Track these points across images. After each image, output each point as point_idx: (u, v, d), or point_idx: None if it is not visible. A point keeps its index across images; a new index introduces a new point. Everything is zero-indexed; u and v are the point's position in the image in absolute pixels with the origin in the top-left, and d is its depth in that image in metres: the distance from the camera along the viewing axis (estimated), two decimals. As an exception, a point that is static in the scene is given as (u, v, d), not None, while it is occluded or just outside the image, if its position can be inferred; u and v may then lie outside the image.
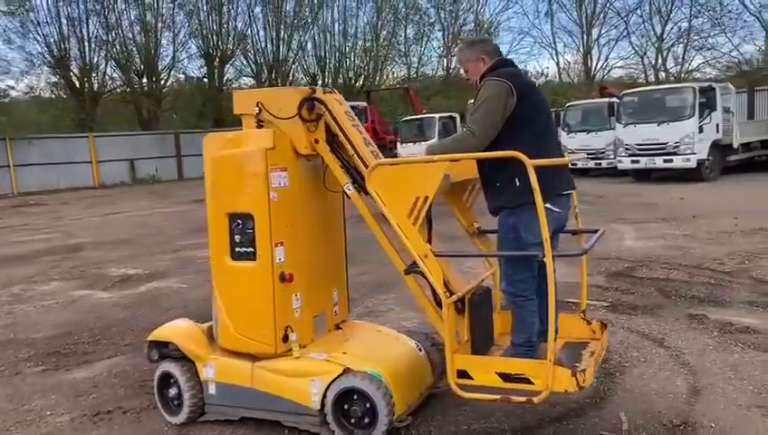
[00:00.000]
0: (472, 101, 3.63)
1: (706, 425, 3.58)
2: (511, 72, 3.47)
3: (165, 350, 4.01)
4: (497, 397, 3.24)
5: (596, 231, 3.64)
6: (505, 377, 3.18)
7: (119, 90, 34.60)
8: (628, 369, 4.42)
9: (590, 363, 3.31)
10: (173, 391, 3.91)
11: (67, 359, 5.36)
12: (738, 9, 30.37)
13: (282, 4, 36.22)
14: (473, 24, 37.45)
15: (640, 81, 33.28)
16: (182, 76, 37.37)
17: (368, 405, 3.44)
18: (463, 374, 3.24)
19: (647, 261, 7.64)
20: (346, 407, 3.50)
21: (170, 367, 3.92)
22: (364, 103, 26.94)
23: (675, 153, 16.75)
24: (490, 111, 3.29)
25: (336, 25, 37.17)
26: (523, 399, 3.17)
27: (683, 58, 33.07)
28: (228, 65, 37.24)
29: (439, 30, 37.69)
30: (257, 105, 3.71)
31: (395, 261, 3.55)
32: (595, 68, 35.12)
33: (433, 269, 3.23)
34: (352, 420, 3.50)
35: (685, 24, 32.37)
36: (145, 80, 34.64)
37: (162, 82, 35.58)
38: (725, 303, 5.86)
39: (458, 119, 25.13)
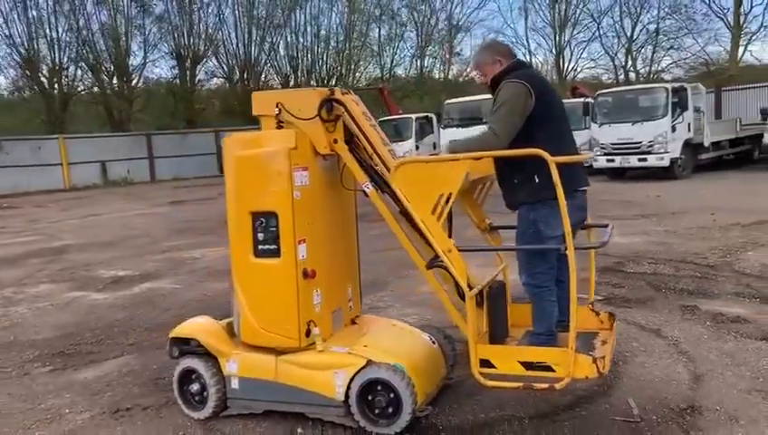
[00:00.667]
0: (483, 97, 3.76)
1: (711, 408, 3.77)
2: (528, 73, 3.63)
3: (186, 347, 4.08)
4: (520, 385, 3.39)
5: (606, 226, 3.82)
6: (528, 365, 3.33)
7: (89, 91, 34.17)
8: (630, 358, 4.60)
9: (606, 351, 3.47)
10: (195, 387, 3.98)
11: (73, 359, 5.38)
12: (704, 11, 31.20)
13: (253, 7, 36.12)
14: (446, 24, 37.73)
15: (609, 81, 33.94)
16: (153, 77, 37.11)
17: (391, 396, 3.56)
18: (485, 364, 3.38)
19: (633, 256, 7.88)
20: (370, 398, 3.62)
21: (194, 363, 3.99)
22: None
23: (649, 152, 17.17)
24: (511, 111, 3.44)
25: (308, 26, 37.20)
26: (545, 386, 3.32)
27: (652, 59, 33.83)
28: (200, 66, 37.03)
29: (412, 30, 37.92)
30: (277, 106, 3.80)
31: (414, 257, 3.68)
32: (567, 68, 35.71)
33: (457, 263, 3.36)
34: (376, 411, 3.61)
35: (654, 26, 33.09)
36: (115, 81, 34.29)
37: (133, 82, 35.25)
38: (714, 294, 6.10)
39: (434, 119, 25.35)
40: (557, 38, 34.95)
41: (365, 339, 3.97)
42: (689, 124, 17.39)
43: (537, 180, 3.40)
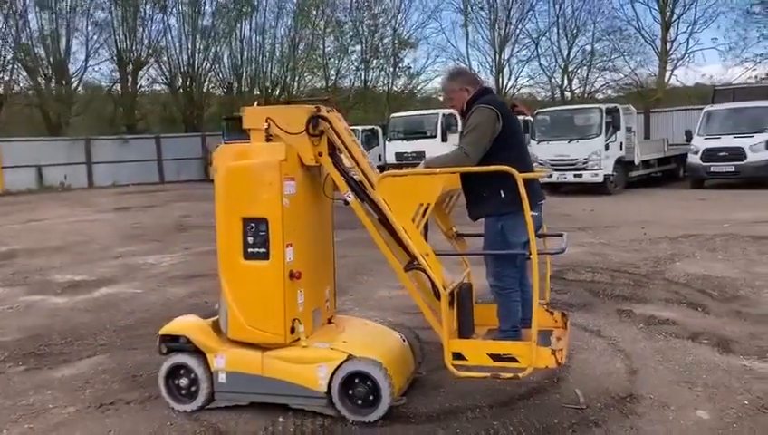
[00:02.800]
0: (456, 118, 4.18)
1: (646, 396, 4.28)
2: (495, 99, 4.10)
3: (174, 344, 4.33)
4: (488, 374, 3.83)
5: (560, 235, 4.31)
6: (495, 357, 3.77)
7: (25, 93, 33.25)
8: (574, 355, 5.09)
9: (563, 345, 3.94)
10: (184, 381, 4.24)
11: (46, 359, 5.52)
12: (635, 34, 32.91)
13: (198, 15, 35.94)
14: (391, 38, 38.39)
15: (546, 99, 35.23)
16: (94, 81, 36.41)
17: (371, 387, 3.94)
18: (457, 356, 3.80)
19: (573, 266, 8.47)
20: (350, 390, 3.98)
21: (184, 359, 4.25)
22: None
23: (584, 168, 18.10)
24: (482, 134, 3.90)
25: (254, 36, 37.23)
26: (510, 375, 3.77)
27: (586, 79, 35.32)
28: (142, 72, 36.53)
29: (358, 43, 38.43)
30: (267, 121, 4.13)
31: (391, 261, 4.06)
32: (506, 86, 36.87)
33: (434, 266, 3.77)
34: (356, 401, 3.98)
35: (589, 48, 34.60)
36: (54, 84, 33.47)
37: (72, 86, 34.48)
38: (646, 300, 6.71)
39: (380, 132, 25.85)
40: (497, 57, 36.09)
41: (343, 336, 4.32)
42: (621, 143, 18.42)
43: (503, 195, 3.87)
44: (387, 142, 23.55)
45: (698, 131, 18.68)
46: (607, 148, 17.98)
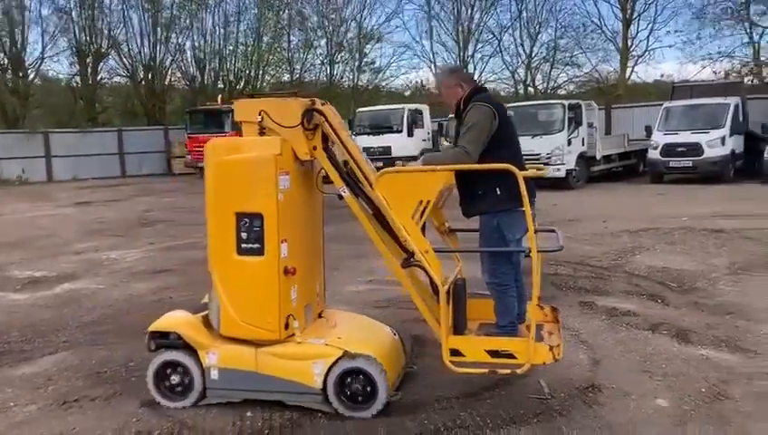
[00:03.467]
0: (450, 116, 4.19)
1: (608, 386, 4.39)
2: (490, 97, 4.15)
3: (164, 340, 4.23)
4: (486, 371, 3.87)
5: (552, 230, 4.38)
6: (493, 353, 3.82)
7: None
8: (538, 347, 5.20)
9: (557, 340, 3.99)
10: (176, 379, 4.17)
11: (6, 357, 5.41)
12: (597, 31, 33.41)
13: (158, 6, 35.29)
14: (356, 33, 38.28)
15: (508, 95, 35.52)
16: (53, 73, 35.57)
17: (367, 383, 3.94)
18: (455, 353, 3.82)
19: (538, 259, 8.58)
20: (347, 386, 3.98)
21: (175, 356, 4.17)
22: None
23: (547, 163, 18.29)
24: (480, 132, 3.92)
25: (217, 29, 36.76)
26: (508, 371, 3.83)
27: (549, 75, 35.72)
28: (102, 64, 35.78)
29: (323, 37, 38.24)
30: (260, 114, 4.03)
31: (386, 257, 4.07)
32: (470, 81, 36.98)
33: (433, 263, 3.78)
34: (352, 397, 3.97)
35: (552, 43, 34.98)
36: (10, 75, 32.60)
37: (29, 78, 33.63)
38: (608, 292, 6.86)
39: (346, 125, 25.76)
40: (461, 52, 36.25)
41: (337, 331, 4.31)
42: (583, 138, 18.69)
43: (499, 192, 3.92)
44: (353, 137, 23.48)
45: (657, 127, 19.09)
46: (569, 143, 18.22)
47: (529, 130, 18.62)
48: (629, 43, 32.09)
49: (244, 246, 3.99)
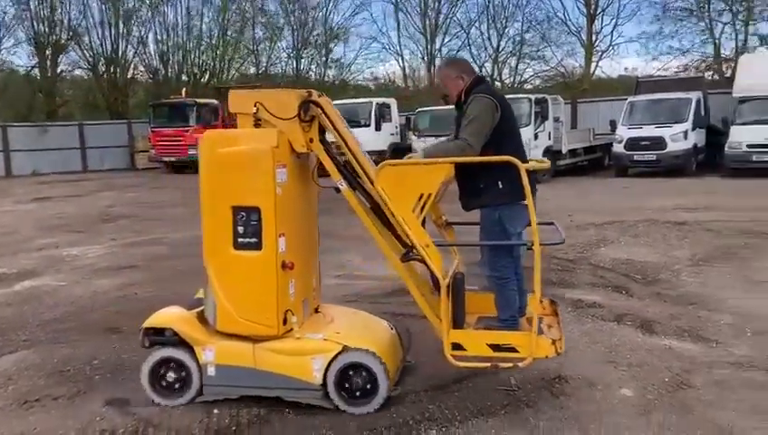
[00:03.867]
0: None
1: (575, 377, 4.44)
2: (491, 88, 4.11)
3: (159, 337, 4.15)
4: (488, 365, 3.84)
5: (551, 223, 4.36)
6: (495, 347, 3.79)
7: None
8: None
9: (559, 334, 3.98)
10: (172, 376, 4.09)
11: (-36, 357, 5.27)
12: (562, 25, 33.77)
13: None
14: (322, 28, 38.10)
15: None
16: (10, 65, 34.68)
17: (368, 378, 3.91)
18: (456, 347, 3.80)
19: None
20: (347, 381, 3.94)
21: (171, 353, 4.09)
22: (215, 101, 26.56)
23: (514, 157, 18.42)
24: (482, 124, 3.87)
25: (180, 20, 36.22)
26: (510, 365, 3.81)
27: (516, 69, 35.99)
28: (62, 56, 35.01)
29: (288, 32, 37.98)
30: (255, 105, 3.94)
31: (385, 251, 4.03)
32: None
33: (434, 257, 3.75)
34: (353, 392, 3.94)
35: (518, 37, 35.25)
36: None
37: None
38: (574, 284, 6.95)
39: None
40: (429, 45, 36.33)
41: (334, 326, 4.25)
42: (550, 133, 18.88)
43: (501, 185, 3.88)
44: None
45: (622, 121, 19.36)
46: (536, 137, 18.36)
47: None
48: (594, 38, 32.58)
49: (240, 240, 3.91)
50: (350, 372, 3.93)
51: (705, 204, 12.39)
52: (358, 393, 3.95)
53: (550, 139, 18.86)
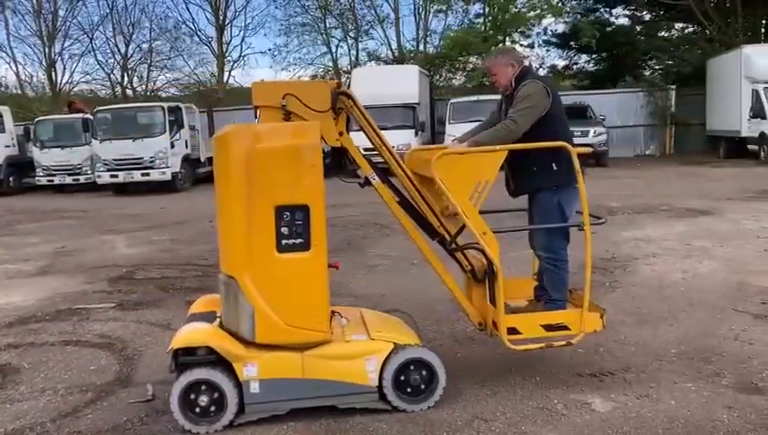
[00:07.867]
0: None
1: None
2: (543, 76, 4.17)
3: (191, 357, 3.66)
4: (542, 345, 3.93)
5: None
6: (548, 327, 3.88)
7: None
8: (145, 351, 5.10)
9: (603, 309, 4.07)
10: (205, 399, 3.62)
11: None
12: (191, 35, 33.80)
13: None
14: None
15: (108, 97, 33.72)
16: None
17: (425, 373, 3.81)
18: (511, 331, 3.82)
19: (143, 264, 8.38)
20: (403, 379, 3.78)
21: (206, 374, 3.62)
22: None
23: (151, 167, 17.93)
24: (533, 106, 3.91)
25: None
26: (563, 343, 3.93)
27: (147, 77, 34.82)
28: None
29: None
30: (284, 97, 3.71)
31: (420, 245, 4.00)
32: (61, 81, 33.94)
33: (491, 244, 3.74)
34: (409, 390, 3.79)
35: (146, 46, 34.18)
36: None
37: None
38: (215, 289, 7.02)
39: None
40: (47, 50, 33.02)
41: (369, 326, 3.99)
42: (186, 141, 18.80)
43: (555, 168, 3.95)
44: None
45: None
46: (173, 146, 18.14)
47: (128, 134, 18.10)
48: (225, 49, 33.29)
49: (285, 242, 3.58)
50: (411, 368, 3.83)
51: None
52: (417, 389, 3.83)
53: (187, 147, 18.80)
